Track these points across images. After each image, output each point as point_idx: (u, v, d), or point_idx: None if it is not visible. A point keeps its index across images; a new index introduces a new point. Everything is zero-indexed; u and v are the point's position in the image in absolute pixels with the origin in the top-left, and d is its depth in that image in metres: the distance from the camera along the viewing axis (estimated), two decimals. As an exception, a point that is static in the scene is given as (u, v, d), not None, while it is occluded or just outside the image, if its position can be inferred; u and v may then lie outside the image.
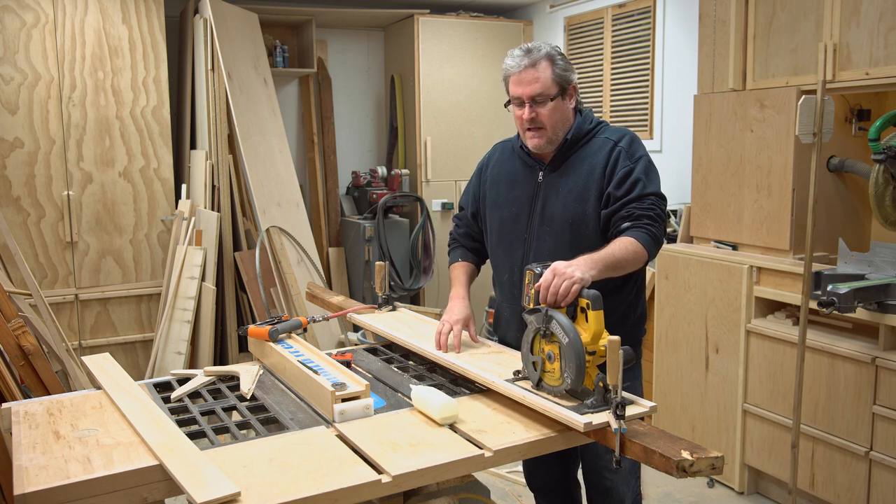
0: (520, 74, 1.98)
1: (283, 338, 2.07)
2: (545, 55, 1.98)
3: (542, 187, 2.07)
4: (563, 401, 1.64)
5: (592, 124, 2.07)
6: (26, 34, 3.85)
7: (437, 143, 5.06)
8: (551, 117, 1.99)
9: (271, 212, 4.16)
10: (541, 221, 2.05)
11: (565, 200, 2.02)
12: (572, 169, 2.03)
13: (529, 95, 1.98)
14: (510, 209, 2.12)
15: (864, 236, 3.24)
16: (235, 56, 4.24)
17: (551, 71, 1.97)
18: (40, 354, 2.75)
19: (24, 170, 3.90)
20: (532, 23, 5.29)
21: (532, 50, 1.98)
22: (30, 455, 1.45)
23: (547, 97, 1.98)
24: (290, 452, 1.49)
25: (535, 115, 1.99)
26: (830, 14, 2.89)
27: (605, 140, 2.03)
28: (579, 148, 2.05)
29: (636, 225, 1.92)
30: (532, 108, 1.98)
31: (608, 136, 2.04)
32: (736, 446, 3.21)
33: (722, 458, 1.40)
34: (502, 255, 2.16)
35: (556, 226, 2.03)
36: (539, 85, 1.97)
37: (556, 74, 1.98)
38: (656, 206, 1.97)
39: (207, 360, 4.02)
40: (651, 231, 1.93)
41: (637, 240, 1.90)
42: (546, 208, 2.05)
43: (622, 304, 2.05)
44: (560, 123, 2.02)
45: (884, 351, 2.64)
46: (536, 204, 2.07)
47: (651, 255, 1.94)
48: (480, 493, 1.80)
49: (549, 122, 1.99)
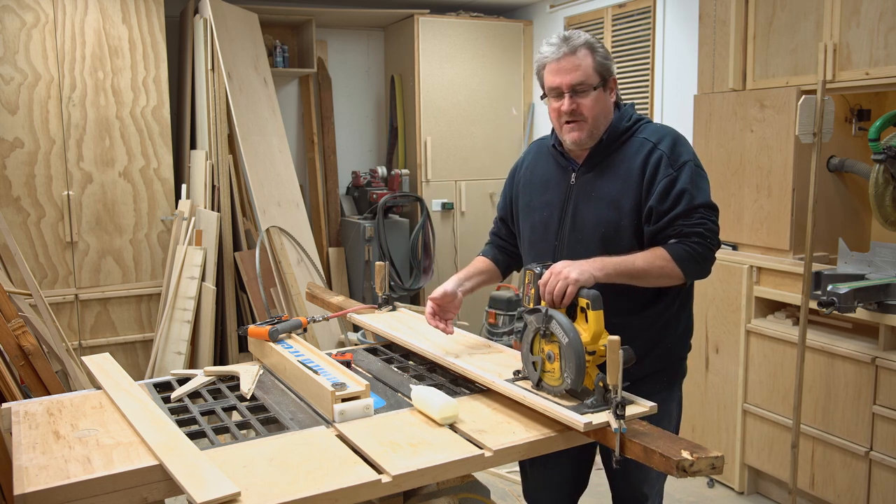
0: (559, 62, 1.80)
1: (283, 338, 2.07)
2: (585, 42, 1.81)
3: (573, 190, 1.89)
4: (563, 401, 1.64)
5: (631, 121, 1.88)
6: (26, 34, 3.85)
7: (437, 143, 5.06)
8: (593, 109, 1.81)
9: (271, 212, 4.16)
10: (572, 229, 1.88)
11: (598, 207, 1.84)
12: (607, 172, 1.85)
13: (570, 84, 1.80)
14: (541, 214, 1.95)
15: (864, 236, 3.24)
16: (235, 56, 4.24)
17: (592, 59, 1.80)
18: (40, 354, 2.75)
19: (24, 170, 3.90)
20: (532, 23, 5.29)
21: (570, 37, 1.81)
22: (30, 455, 1.44)
23: (589, 86, 1.80)
24: (290, 452, 1.48)
25: (576, 106, 1.81)
26: (830, 14, 2.89)
27: (643, 141, 1.84)
28: (616, 149, 1.86)
29: (683, 242, 1.75)
30: (572, 99, 1.81)
31: (647, 136, 1.84)
32: (736, 446, 3.21)
33: (722, 457, 1.40)
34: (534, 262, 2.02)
35: (587, 235, 1.85)
36: (580, 73, 1.79)
37: (597, 63, 1.81)
38: (707, 221, 1.77)
39: (207, 360, 4.02)
40: (695, 250, 1.75)
41: (671, 254, 1.74)
42: (577, 214, 1.87)
43: (660, 319, 1.88)
44: (602, 117, 1.84)
45: (884, 351, 2.64)
46: (568, 209, 1.89)
47: (687, 274, 1.77)
48: (480, 493, 1.80)
49: (591, 113, 1.81)
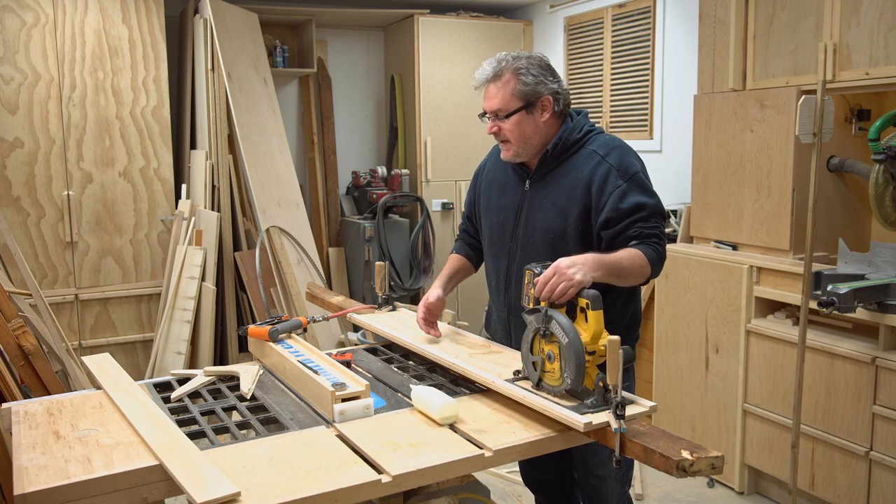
0: (485, 88, 1.99)
1: (283, 338, 2.07)
2: (511, 69, 1.94)
3: (527, 196, 2.04)
4: (563, 401, 1.64)
5: (581, 133, 1.99)
6: (26, 34, 3.85)
7: (437, 143, 5.06)
8: (513, 131, 1.96)
9: (271, 212, 4.16)
10: (525, 232, 2.03)
11: (547, 214, 1.99)
12: (556, 181, 1.99)
13: (491, 109, 1.98)
14: (499, 216, 2.11)
15: (864, 236, 3.24)
16: (235, 56, 4.24)
17: (514, 85, 1.94)
18: (40, 354, 2.75)
19: (24, 170, 3.90)
20: (532, 23, 5.29)
21: (500, 61, 1.96)
22: (30, 455, 1.45)
23: (508, 111, 1.95)
24: (290, 452, 1.48)
25: (498, 128, 1.98)
26: (830, 14, 2.89)
27: (591, 153, 1.96)
28: (565, 159, 1.99)
29: (645, 242, 1.89)
30: (493, 122, 1.98)
31: (595, 148, 1.97)
32: (736, 446, 3.21)
33: (722, 457, 1.40)
34: (491, 260, 2.16)
35: (537, 238, 2.01)
36: (497, 101, 1.95)
37: (519, 89, 1.94)
38: (660, 226, 1.94)
39: (207, 360, 4.02)
40: (658, 251, 1.90)
41: (645, 255, 1.87)
42: (530, 219, 2.02)
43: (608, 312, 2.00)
44: (530, 136, 1.97)
45: (884, 351, 2.64)
46: (521, 213, 2.05)
47: (654, 273, 1.91)
48: (480, 493, 1.80)
49: (513, 136, 1.97)
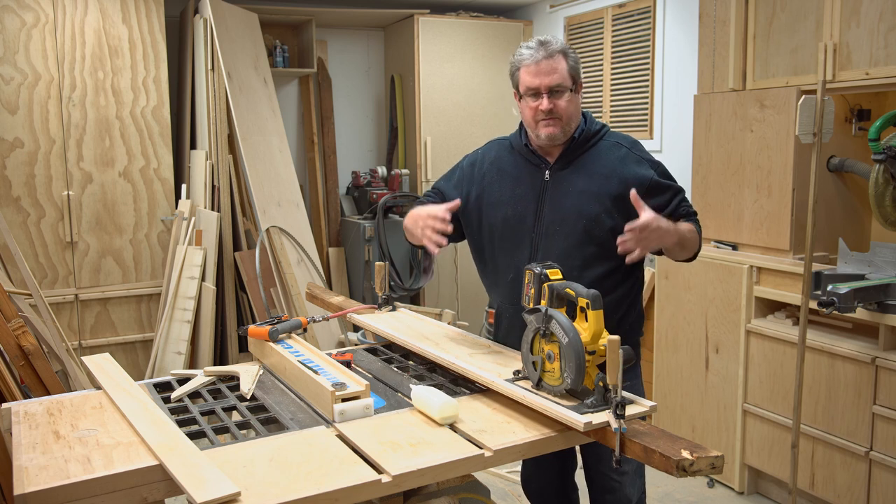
0: (538, 65, 1.98)
1: (283, 338, 2.07)
2: (560, 48, 2.01)
3: (548, 186, 2.06)
4: (563, 400, 1.64)
5: (598, 126, 2.10)
6: (26, 34, 3.85)
7: (437, 143, 5.06)
8: (567, 108, 2.00)
9: (271, 212, 4.16)
10: (550, 219, 2.04)
11: (579, 200, 2.02)
12: (584, 168, 2.04)
13: (548, 86, 1.98)
14: (514, 207, 2.08)
15: (864, 236, 3.24)
16: (235, 56, 4.24)
17: (566, 64, 2.00)
18: (40, 354, 2.75)
19: (24, 170, 3.90)
20: (532, 23, 5.29)
21: (548, 42, 2.01)
22: (30, 455, 1.44)
23: (565, 88, 1.99)
24: (290, 452, 1.48)
25: (553, 106, 1.99)
26: (830, 14, 2.89)
27: (615, 145, 2.07)
28: (588, 148, 2.07)
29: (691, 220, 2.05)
30: (550, 100, 1.99)
31: (617, 140, 2.08)
32: (736, 446, 3.21)
33: (722, 457, 1.40)
34: (504, 255, 2.09)
35: (568, 225, 2.02)
36: (558, 76, 1.98)
37: (570, 67, 2.01)
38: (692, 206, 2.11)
39: (207, 360, 4.02)
40: (699, 227, 2.07)
41: (696, 231, 2.04)
42: (555, 207, 2.04)
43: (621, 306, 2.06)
44: (574, 117, 2.04)
45: (884, 351, 2.64)
46: (544, 202, 2.05)
47: (699, 249, 2.08)
48: (480, 493, 1.80)
49: (566, 113, 2.01)
